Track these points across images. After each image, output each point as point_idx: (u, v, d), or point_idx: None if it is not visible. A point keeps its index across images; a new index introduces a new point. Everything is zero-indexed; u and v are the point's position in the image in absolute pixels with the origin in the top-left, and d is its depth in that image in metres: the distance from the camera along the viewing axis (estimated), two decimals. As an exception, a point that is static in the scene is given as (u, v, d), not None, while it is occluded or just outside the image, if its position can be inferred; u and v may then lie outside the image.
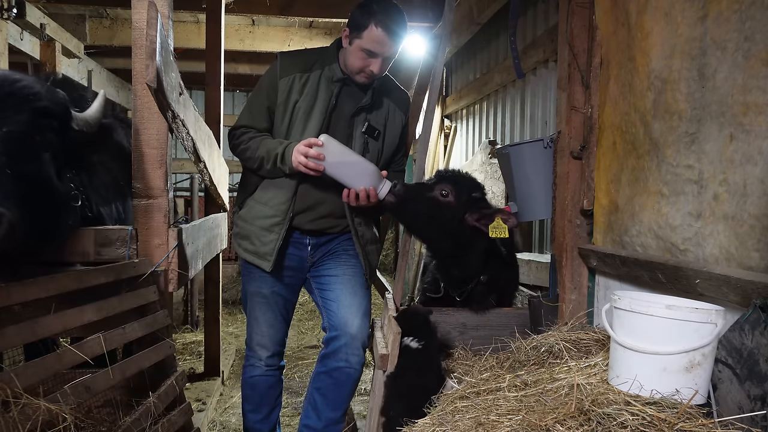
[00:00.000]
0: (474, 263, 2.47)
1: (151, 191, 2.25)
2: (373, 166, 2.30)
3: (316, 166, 2.20)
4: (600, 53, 2.18)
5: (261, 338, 2.48)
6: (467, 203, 2.38)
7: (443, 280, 2.59)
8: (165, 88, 2.02)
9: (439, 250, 2.56)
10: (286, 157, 2.26)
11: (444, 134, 6.31)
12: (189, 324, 5.77)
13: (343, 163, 2.25)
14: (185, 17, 5.96)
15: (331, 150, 2.22)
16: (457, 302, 2.54)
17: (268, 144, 2.33)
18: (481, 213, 2.37)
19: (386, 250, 7.68)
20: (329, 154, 2.22)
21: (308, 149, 2.19)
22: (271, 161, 2.30)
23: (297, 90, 2.33)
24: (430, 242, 2.62)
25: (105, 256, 2.20)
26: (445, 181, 2.42)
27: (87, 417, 1.67)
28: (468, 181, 2.49)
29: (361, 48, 2.24)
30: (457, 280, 2.54)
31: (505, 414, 1.52)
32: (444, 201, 2.37)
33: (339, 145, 2.26)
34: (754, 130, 1.44)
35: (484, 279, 2.51)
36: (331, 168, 2.23)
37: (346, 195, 2.27)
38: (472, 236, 2.39)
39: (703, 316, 1.40)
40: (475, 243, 2.41)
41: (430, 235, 2.50)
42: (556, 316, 2.33)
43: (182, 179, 6.80)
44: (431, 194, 2.38)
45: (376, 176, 2.29)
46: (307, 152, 2.19)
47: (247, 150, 2.36)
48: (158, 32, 1.90)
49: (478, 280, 2.51)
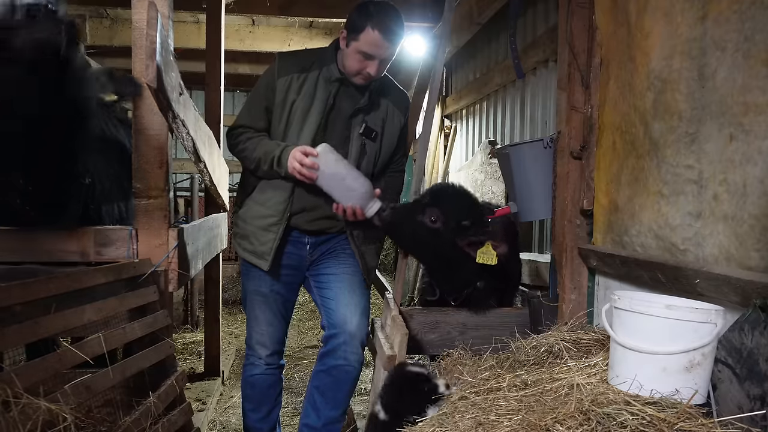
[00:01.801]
0: (465, 277, 2.43)
1: (151, 191, 2.25)
2: (364, 186, 2.26)
3: (309, 174, 2.21)
4: (600, 53, 2.18)
5: (261, 337, 2.48)
6: (456, 230, 2.33)
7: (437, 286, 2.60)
8: (165, 88, 2.02)
9: (430, 268, 2.60)
10: (283, 161, 2.26)
11: (444, 134, 6.31)
12: (189, 324, 5.76)
13: (335, 176, 2.24)
14: (185, 17, 5.96)
15: (326, 161, 2.22)
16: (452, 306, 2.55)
17: (265, 145, 2.32)
18: (470, 240, 2.33)
19: (386, 250, 7.67)
20: (324, 165, 2.21)
21: (304, 158, 2.19)
22: (267, 163, 2.30)
23: (295, 90, 2.32)
24: (420, 260, 2.65)
25: (105, 256, 2.21)
26: (435, 205, 2.35)
27: (87, 417, 1.67)
28: (459, 208, 2.38)
29: (358, 50, 2.24)
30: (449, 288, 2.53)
31: (505, 414, 1.52)
32: (432, 228, 2.33)
33: (336, 157, 2.25)
34: (753, 130, 1.44)
35: (480, 285, 2.48)
36: (323, 179, 2.24)
37: (335, 208, 2.29)
38: (462, 257, 2.35)
39: (702, 316, 1.40)
40: (467, 261, 2.36)
41: (420, 255, 2.54)
42: (556, 316, 2.33)
43: (182, 179, 6.79)
44: (420, 219, 2.33)
45: (367, 195, 2.26)
46: (303, 161, 2.19)
47: (245, 150, 2.36)
48: (158, 32, 1.90)
49: (475, 286, 2.49)
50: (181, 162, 7.12)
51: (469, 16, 4.82)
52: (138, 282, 2.08)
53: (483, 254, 2.30)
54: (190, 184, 6.17)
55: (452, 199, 2.41)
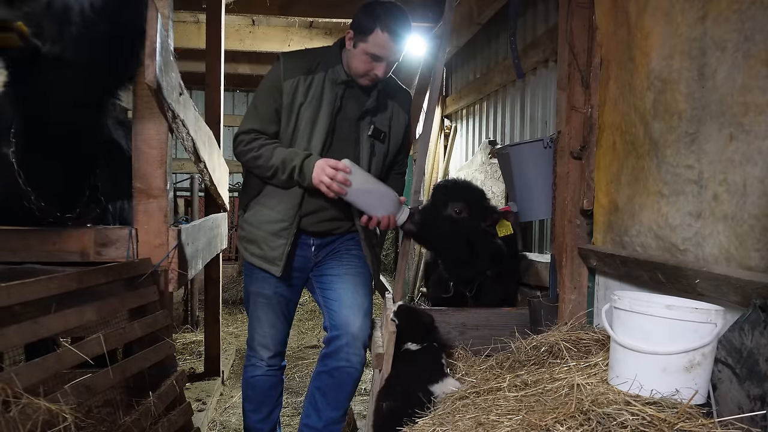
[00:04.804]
0: (483, 263, 2.66)
1: (151, 191, 2.25)
2: (394, 195, 2.33)
3: (339, 189, 2.19)
4: (600, 53, 2.18)
5: (263, 338, 2.47)
6: (480, 214, 2.57)
7: (452, 279, 2.73)
8: (165, 88, 2.02)
9: (456, 260, 2.72)
10: (306, 172, 2.22)
11: (444, 134, 6.30)
12: (189, 324, 5.76)
13: (366, 191, 2.26)
14: (185, 17, 5.96)
15: (354, 177, 2.22)
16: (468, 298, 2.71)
17: (282, 153, 2.27)
18: (493, 218, 2.57)
19: (386, 250, 7.68)
20: (353, 181, 2.21)
21: (336, 173, 2.17)
22: (287, 173, 2.25)
23: (302, 93, 2.29)
24: (447, 254, 2.77)
25: (105, 256, 2.21)
26: (455, 199, 2.57)
27: (87, 417, 1.66)
28: (477, 195, 2.66)
29: (366, 52, 2.23)
30: (465, 278, 2.71)
31: (505, 414, 1.53)
32: (460, 218, 2.54)
33: (362, 172, 2.26)
34: (753, 130, 1.44)
35: (490, 273, 2.69)
36: (354, 194, 2.23)
37: (366, 220, 2.30)
38: (482, 239, 2.59)
39: (702, 316, 1.40)
40: (485, 244, 2.60)
41: (449, 249, 2.68)
42: (556, 316, 2.33)
43: (182, 179, 6.79)
44: (446, 214, 2.54)
45: (396, 203, 2.33)
46: (335, 176, 2.17)
47: (260, 158, 2.29)
48: (158, 32, 1.90)
49: (484, 274, 2.68)
50: (181, 162, 7.12)
51: (469, 16, 4.82)
52: (138, 282, 2.08)
53: (501, 228, 2.57)
54: (190, 184, 6.17)
55: (467, 190, 2.68)
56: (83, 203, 2.31)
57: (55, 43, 1.76)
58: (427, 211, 2.51)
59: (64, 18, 1.76)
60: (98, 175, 2.36)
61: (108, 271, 1.95)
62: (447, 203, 2.55)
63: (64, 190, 2.23)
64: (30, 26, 1.71)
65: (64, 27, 1.77)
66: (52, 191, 2.18)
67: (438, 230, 2.53)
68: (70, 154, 2.12)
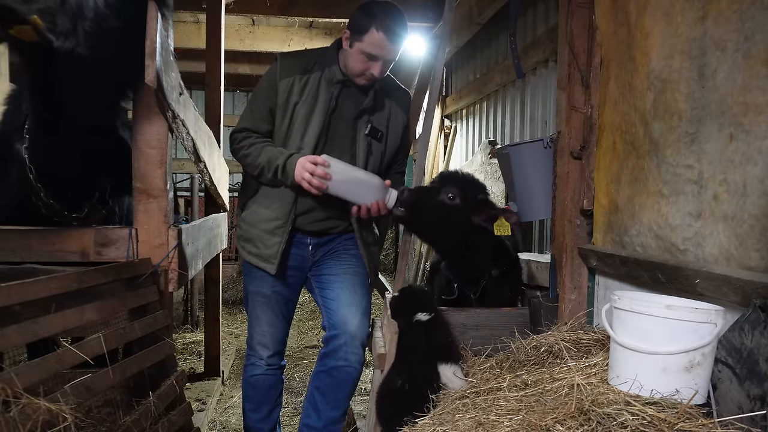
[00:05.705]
0: (483, 260, 2.54)
1: (151, 191, 2.25)
2: (377, 180, 2.30)
3: (319, 184, 2.20)
4: (600, 53, 2.18)
5: (262, 338, 2.48)
6: (474, 205, 2.43)
7: (456, 280, 2.63)
8: (165, 88, 2.02)
9: (449, 252, 2.61)
10: (288, 170, 2.24)
11: (444, 134, 6.31)
12: (189, 324, 5.77)
13: (347, 181, 2.25)
14: (185, 17, 5.96)
15: (334, 169, 2.22)
16: (472, 300, 2.59)
17: (269, 152, 2.31)
18: (488, 214, 2.43)
19: (386, 250, 7.68)
20: (333, 173, 2.21)
21: (315, 167, 2.18)
22: (271, 171, 2.29)
23: (297, 92, 2.31)
24: (438, 245, 2.67)
25: (105, 256, 2.21)
26: (450, 184, 2.45)
27: (87, 417, 1.67)
28: (473, 183, 2.53)
29: (362, 51, 2.24)
30: (468, 278, 2.59)
31: (505, 414, 1.53)
32: (451, 204, 2.41)
33: (341, 163, 2.26)
34: (753, 130, 1.44)
35: (495, 273, 2.58)
36: (336, 186, 2.23)
37: (356, 211, 2.29)
38: (479, 235, 2.45)
39: (702, 316, 1.40)
40: (483, 241, 2.47)
41: (439, 238, 2.55)
42: (555, 316, 2.33)
43: (182, 179, 6.79)
44: (439, 198, 2.41)
45: (382, 188, 2.30)
46: (314, 171, 2.18)
47: (248, 156, 2.35)
48: (158, 32, 1.90)
49: (489, 275, 2.57)
50: (181, 162, 7.12)
51: (469, 16, 4.82)
52: (138, 282, 2.08)
53: (499, 227, 2.42)
54: (190, 184, 6.17)
55: (465, 179, 2.54)
56: (91, 203, 2.31)
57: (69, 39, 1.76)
58: (418, 192, 2.43)
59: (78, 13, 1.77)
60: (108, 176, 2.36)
61: (108, 271, 1.95)
62: (441, 188, 2.44)
63: (74, 188, 2.23)
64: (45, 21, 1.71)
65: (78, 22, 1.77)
66: (62, 189, 2.19)
67: (427, 214, 2.43)
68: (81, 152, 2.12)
